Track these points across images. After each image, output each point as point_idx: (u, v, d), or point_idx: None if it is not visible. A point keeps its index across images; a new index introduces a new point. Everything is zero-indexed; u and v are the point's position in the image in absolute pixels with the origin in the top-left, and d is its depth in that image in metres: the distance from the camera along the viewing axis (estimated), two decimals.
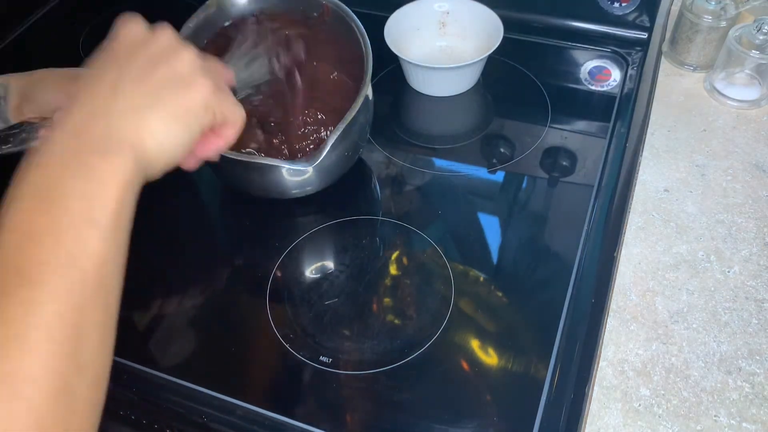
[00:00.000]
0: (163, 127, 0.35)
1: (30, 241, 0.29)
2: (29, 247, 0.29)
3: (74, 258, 0.29)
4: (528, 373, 0.51)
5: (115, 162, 0.33)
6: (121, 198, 0.32)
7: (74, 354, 0.28)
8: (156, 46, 0.38)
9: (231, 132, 0.41)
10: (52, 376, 0.27)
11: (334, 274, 0.59)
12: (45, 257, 0.29)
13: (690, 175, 0.64)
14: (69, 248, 0.29)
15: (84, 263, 0.30)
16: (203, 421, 0.50)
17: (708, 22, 0.70)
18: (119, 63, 0.37)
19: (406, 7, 0.77)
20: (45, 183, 0.31)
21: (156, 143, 0.35)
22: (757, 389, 0.49)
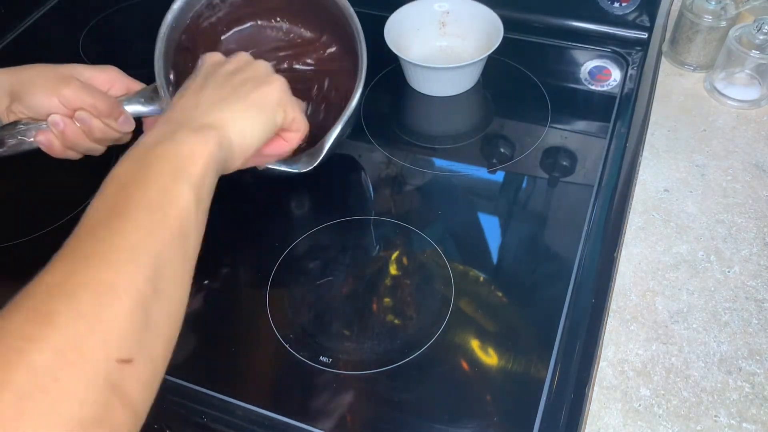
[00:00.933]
0: (242, 116, 0.41)
1: (124, 188, 0.34)
2: (123, 192, 0.34)
3: (159, 203, 0.34)
4: (528, 373, 0.51)
5: (202, 138, 0.38)
6: (203, 168, 0.37)
7: (154, 280, 0.32)
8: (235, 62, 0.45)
9: (296, 137, 0.47)
10: (131, 290, 0.31)
11: (335, 274, 0.59)
12: (135, 198, 0.34)
13: (690, 175, 0.64)
14: (156, 195, 0.34)
15: (168, 209, 0.34)
16: (203, 421, 0.50)
17: (708, 22, 0.70)
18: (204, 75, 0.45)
19: (406, 7, 0.77)
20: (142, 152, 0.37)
21: (236, 130, 0.40)
22: (757, 389, 0.49)
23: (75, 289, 0.29)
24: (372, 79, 0.77)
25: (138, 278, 0.31)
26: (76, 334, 0.28)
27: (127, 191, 0.34)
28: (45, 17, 0.92)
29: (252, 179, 0.68)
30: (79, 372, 0.28)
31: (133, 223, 0.33)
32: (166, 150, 0.37)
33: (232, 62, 0.46)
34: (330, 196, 0.67)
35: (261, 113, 0.43)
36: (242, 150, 0.42)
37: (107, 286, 0.30)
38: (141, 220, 0.33)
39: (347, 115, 0.55)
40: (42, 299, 0.29)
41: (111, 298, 0.30)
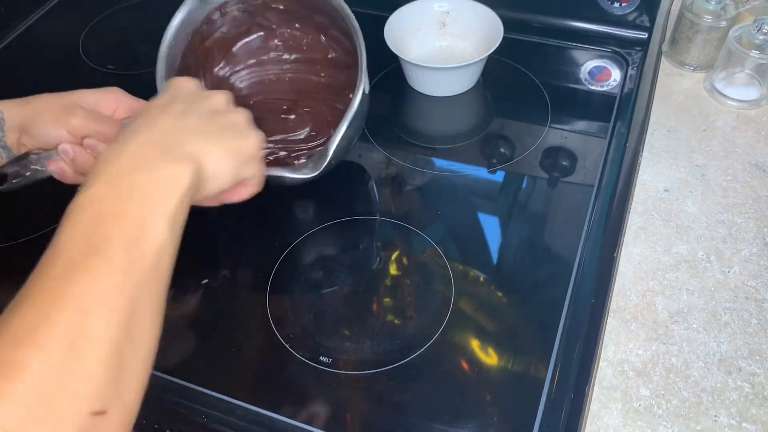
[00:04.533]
0: (220, 158, 0.41)
1: (100, 220, 0.33)
2: (99, 226, 0.33)
3: (137, 240, 0.33)
4: (528, 373, 0.51)
5: (180, 169, 0.37)
6: (180, 200, 0.36)
7: (128, 325, 0.31)
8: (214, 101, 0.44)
9: (252, 191, 0.47)
10: (107, 339, 0.30)
11: (334, 274, 0.59)
12: (112, 235, 0.32)
13: (690, 175, 0.64)
14: (133, 231, 0.33)
15: (144, 246, 0.33)
16: (203, 421, 0.50)
17: (708, 22, 0.70)
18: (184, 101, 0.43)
19: (406, 7, 0.77)
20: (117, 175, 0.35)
21: (212, 169, 0.40)
22: (757, 389, 0.49)
23: (46, 338, 0.28)
24: (372, 80, 0.77)
25: (113, 325, 0.30)
26: (47, 389, 0.27)
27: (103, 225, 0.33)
28: (45, 17, 0.92)
29: None
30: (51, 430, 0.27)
31: (110, 263, 0.32)
32: (145, 180, 0.36)
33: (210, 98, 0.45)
34: (330, 196, 0.67)
35: (235, 161, 0.42)
36: (210, 189, 0.41)
37: (81, 335, 0.29)
38: (118, 259, 0.32)
39: (348, 119, 0.55)
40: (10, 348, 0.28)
41: (84, 348, 0.29)
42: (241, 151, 0.43)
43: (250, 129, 0.45)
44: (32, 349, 0.28)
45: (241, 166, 0.43)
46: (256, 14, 0.66)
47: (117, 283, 0.31)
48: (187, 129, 0.41)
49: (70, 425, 0.27)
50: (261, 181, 0.48)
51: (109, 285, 0.31)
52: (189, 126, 0.41)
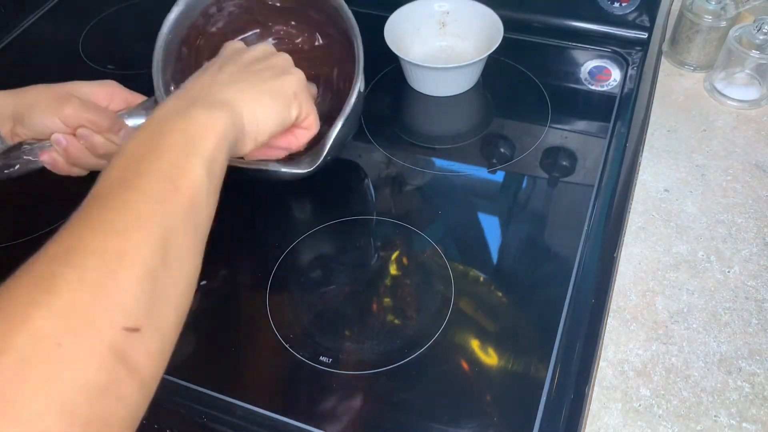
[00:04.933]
0: (257, 99, 0.41)
1: (134, 160, 0.34)
2: (133, 164, 0.34)
3: (170, 176, 0.34)
4: (528, 373, 0.51)
5: (214, 115, 0.38)
6: (215, 144, 0.37)
7: (163, 251, 0.31)
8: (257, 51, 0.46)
9: (306, 134, 0.47)
10: (140, 261, 0.30)
11: (334, 274, 0.59)
12: (146, 170, 0.33)
13: (690, 175, 0.64)
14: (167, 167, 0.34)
15: (179, 182, 0.34)
16: (203, 421, 0.50)
17: (708, 22, 0.70)
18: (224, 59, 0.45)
19: (406, 7, 0.77)
20: (155, 125, 0.37)
21: (249, 113, 0.40)
22: (757, 389, 0.49)
23: (81, 256, 0.29)
24: (372, 79, 0.77)
25: (146, 247, 0.30)
26: (81, 300, 0.27)
27: (138, 163, 0.34)
28: (45, 17, 0.92)
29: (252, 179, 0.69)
30: (83, 338, 0.27)
31: (143, 193, 0.32)
32: (178, 124, 0.36)
33: (254, 50, 0.46)
34: (330, 196, 0.67)
35: (276, 101, 0.43)
36: (254, 134, 0.41)
37: (114, 253, 0.29)
38: (151, 190, 0.32)
39: (345, 114, 0.55)
40: (46, 266, 0.28)
41: (118, 265, 0.29)
42: (280, 90, 0.43)
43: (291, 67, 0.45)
44: (67, 265, 0.28)
45: (283, 105, 0.44)
46: (252, 11, 0.66)
47: (150, 210, 0.32)
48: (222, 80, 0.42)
49: (104, 337, 0.28)
50: (315, 121, 0.47)
51: (143, 211, 0.31)
52: (224, 77, 0.42)
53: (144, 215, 0.31)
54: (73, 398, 0.26)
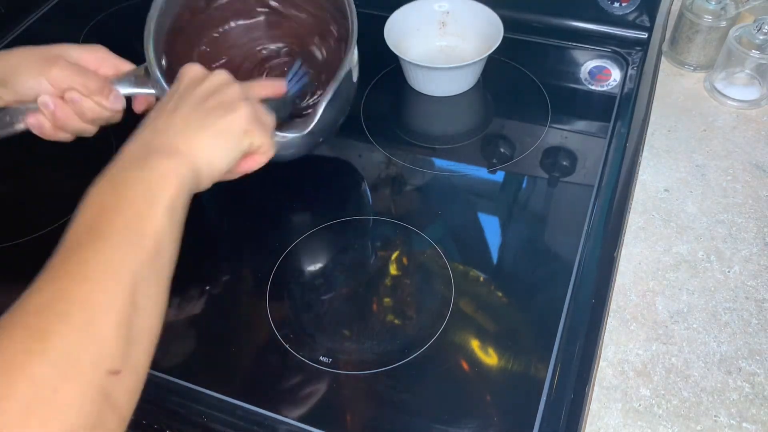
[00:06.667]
0: (210, 144, 0.43)
1: (101, 211, 0.36)
2: (101, 215, 0.36)
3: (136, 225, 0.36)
4: (528, 373, 0.51)
5: (173, 163, 0.40)
6: (176, 192, 0.39)
7: (132, 296, 0.34)
8: (211, 82, 0.46)
9: (262, 159, 0.48)
10: (117, 308, 0.33)
11: (334, 274, 0.59)
12: (113, 221, 0.36)
13: (690, 175, 0.64)
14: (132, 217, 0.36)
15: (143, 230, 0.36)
16: (203, 421, 0.50)
17: (708, 22, 0.70)
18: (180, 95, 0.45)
19: (406, 7, 0.77)
20: (116, 175, 0.39)
21: (205, 157, 0.42)
22: (757, 389, 0.49)
23: (66, 306, 0.31)
24: (372, 79, 0.77)
25: (120, 295, 0.33)
26: (71, 348, 0.30)
27: (105, 214, 0.36)
28: (45, 17, 0.92)
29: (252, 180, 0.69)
30: (76, 383, 0.30)
31: (112, 244, 0.35)
32: (139, 176, 0.38)
33: (208, 82, 0.46)
34: (330, 196, 0.67)
35: (227, 141, 0.44)
36: (209, 173, 0.43)
37: (95, 303, 0.32)
38: (120, 241, 0.35)
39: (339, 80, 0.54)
40: (37, 316, 0.31)
41: (99, 314, 0.32)
42: (230, 129, 0.44)
43: (239, 101, 0.45)
44: (55, 317, 0.31)
45: (234, 142, 0.44)
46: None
47: (121, 261, 0.34)
48: (176, 125, 0.43)
49: (92, 381, 0.30)
50: (269, 148, 0.48)
51: (115, 261, 0.34)
52: (178, 122, 0.43)
53: (115, 265, 0.34)
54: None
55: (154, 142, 0.41)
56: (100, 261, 0.34)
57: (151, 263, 0.36)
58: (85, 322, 0.31)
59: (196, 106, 0.44)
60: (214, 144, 0.43)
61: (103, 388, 0.31)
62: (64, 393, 0.29)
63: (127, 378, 0.32)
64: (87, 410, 0.30)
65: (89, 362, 0.31)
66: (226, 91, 0.46)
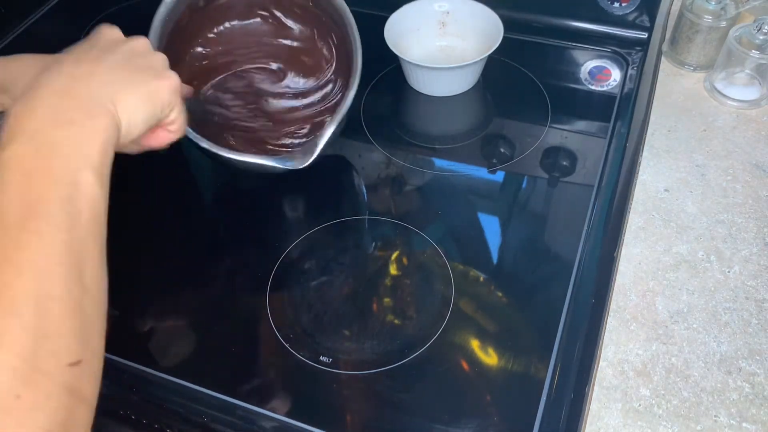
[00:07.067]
0: (133, 103, 0.40)
1: (31, 180, 0.33)
2: (31, 186, 0.33)
3: (71, 196, 0.33)
4: (528, 373, 0.51)
5: (98, 121, 0.37)
6: (103, 150, 0.36)
7: (81, 278, 0.32)
8: (135, 44, 0.44)
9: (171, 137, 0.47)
10: (68, 295, 0.31)
11: (334, 274, 0.59)
12: (46, 194, 0.33)
13: (690, 175, 0.64)
14: (65, 188, 0.33)
15: (79, 201, 0.34)
16: (203, 421, 0.50)
17: (708, 22, 0.70)
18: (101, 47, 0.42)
19: (406, 7, 0.77)
20: (39, 132, 0.35)
21: (126, 116, 0.39)
22: (757, 389, 0.49)
23: (15, 303, 0.30)
24: (372, 79, 0.77)
25: (68, 280, 0.32)
26: (27, 350, 0.29)
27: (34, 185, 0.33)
28: (45, 17, 0.92)
29: (252, 179, 0.69)
30: (38, 386, 0.29)
31: (50, 223, 0.32)
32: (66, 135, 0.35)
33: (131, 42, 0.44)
34: (330, 196, 0.67)
35: (150, 104, 0.42)
36: (126, 134, 0.40)
37: (44, 294, 0.30)
38: (57, 218, 0.32)
39: (341, 114, 0.55)
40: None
41: (50, 305, 0.30)
42: (156, 94, 0.42)
43: (166, 70, 0.44)
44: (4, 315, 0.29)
45: (156, 109, 0.42)
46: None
47: (64, 241, 0.32)
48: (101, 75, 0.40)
49: (56, 380, 0.29)
50: (182, 126, 0.46)
51: (57, 243, 0.32)
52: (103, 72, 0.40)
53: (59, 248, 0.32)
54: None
55: (75, 92, 0.38)
56: (41, 245, 0.31)
57: (90, 236, 0.34)
58: (38, 317, 0.30)
59: (122, 61, 0.41)
60: (138, 104, 0.41)
61: (66, 382, 0.30)
62: (27, 398, 0.28)
63: (88, 365, 0.31)
64: (54, 408, 0.29)
65: (49, 360, 0.29)
66: (153, 56, 0.44)
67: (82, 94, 0.38)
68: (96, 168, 0.35)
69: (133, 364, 0.53)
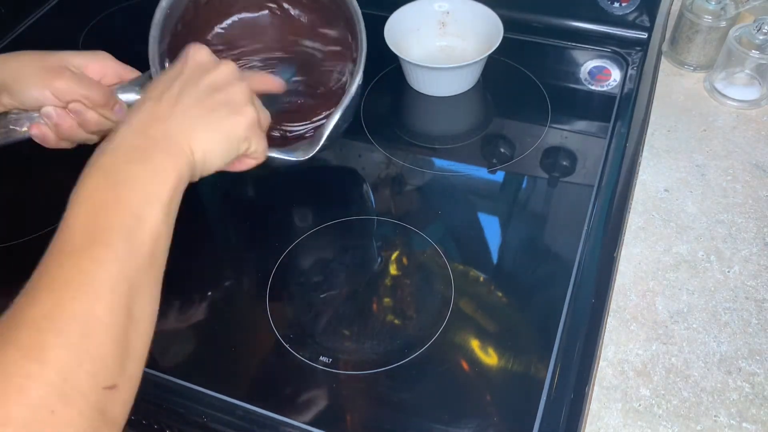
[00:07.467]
0: (209, 142, 0.41)
1: (99, 210, 0.35)
2: (98, 215, 0.34)
3: (134, 228, 0.35)
4: (528, 373, 0.51)
5: (173, 159, 0.39)
6: (174, 189, 0.38)
7: (130, 308, 0.33)
8: (219, 74, 0.44)
9: (253, 163, 0.48)
10: (114, 322, 0.32)
11: (334, 274, 0.59)
12: (111, 224, 0.34)
13: (690, 175, 0.64)
14: (131, 220, 0.35)
15: (142, 234, 0.35)
16: (203, 421, 0.50)
17: (708, 22, 0.70)
18: (185, 80, 0.43)
19: (406, 7, 0.77)
20: (113, 167, 0.37)
21: (201, 154, 0.41)
22: (757, 389, 0.49)
23: (63, 322, 0.31)
24: (372, 79, 0.77)
25: (117, 308, 0.33)
26: (69, 367, 0.30)
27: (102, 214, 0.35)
28: (45, 17, 0.92)
29: (252, 180, 0.69)
30: (73, 404, 0.29)
31: (111, 251, 0.33)
32: (137, 170, 0.37)
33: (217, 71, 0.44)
34: (330, 196, 0.67)
35: (227, 142, 0.43)
36: (203, 171, 0.42)
37: (92, 318, 0.31)
38: (118, 248, 0.34)
39: (345, 104, 0.55)
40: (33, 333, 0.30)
41: (96, 329, 0.31)
42: (233, 132, 0.43)
43: (247, 105, 0.44)
44: (52, 333, 0.30)
45: (233, 145, 0.43)
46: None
47: (120, 270, 0.33)
48: (179, 116, 0.41)
49: (90, 400, 0.30)
50: (262, 154, 0.47)
51: (113, 272, 0.33)
52: (181, 111, 0.41)
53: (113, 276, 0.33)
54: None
55: (153, 131, 0.39)
56: (98, 271, 0.33)
57: (147, 270, 0.35)
58: (83, 338, 0.31)
59: (202, 97, 0.43)
60: (214, 144, 0.42)
61: (99, 404, 0.31)
62: (61, 414, 0.29)
63: (122, 391, 0.32)
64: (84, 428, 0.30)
65: (87, 380, 0.30)
66: (233, 89, 0.44)
67: (159, 134, 0.39)
68: (164, 205, 0.37)
69: None
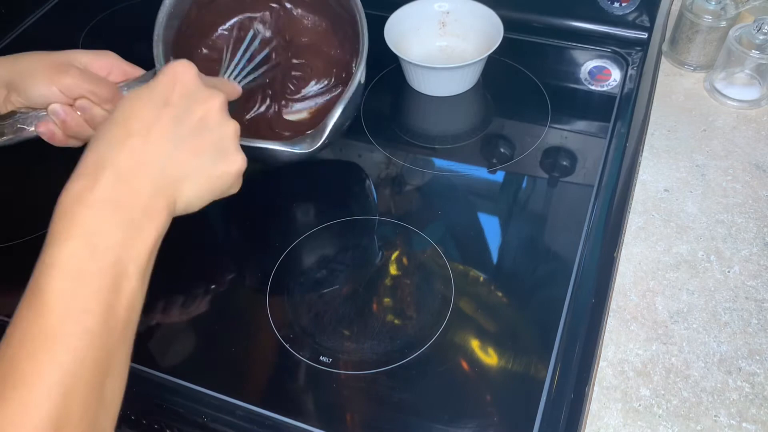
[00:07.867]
0: (194, 191, 0.41)
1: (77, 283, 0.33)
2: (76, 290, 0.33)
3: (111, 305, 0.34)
4: (528, 373, 0.51)
5: (156, 222, 0.37)
6: (152, 249, 0.37)
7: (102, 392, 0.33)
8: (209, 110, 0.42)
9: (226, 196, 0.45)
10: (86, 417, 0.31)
11: (335, 274, 0.59)
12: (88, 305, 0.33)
13: (690, 175, 0.64)
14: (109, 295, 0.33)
15: (119, 309, 0.34)
16: (203, 421, 0.50)
17: (708, 22, 0.70)
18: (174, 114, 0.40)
19: (406, 7, 0.77)
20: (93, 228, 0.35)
21: (184, 205, 0.40)
22: (757, 389, 0.49)
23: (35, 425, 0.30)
24: (372, 79, 0.77)
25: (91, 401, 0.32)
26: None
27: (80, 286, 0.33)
28: (45, 17, 0.92)
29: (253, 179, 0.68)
30: None
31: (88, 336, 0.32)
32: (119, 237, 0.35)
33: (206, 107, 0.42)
34: (330, 196, 0.67)
35: (211, 193, 0.42)
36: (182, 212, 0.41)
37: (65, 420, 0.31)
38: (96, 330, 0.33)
39: (348, 97, 0.55)
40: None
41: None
42: (220, 180, 0.42)
43: (236, 153, 0.43)
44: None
45: (216, 193, 0.43)
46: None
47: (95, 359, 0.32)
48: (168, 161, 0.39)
49: None
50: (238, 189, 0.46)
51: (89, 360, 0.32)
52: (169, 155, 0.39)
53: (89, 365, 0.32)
54: None
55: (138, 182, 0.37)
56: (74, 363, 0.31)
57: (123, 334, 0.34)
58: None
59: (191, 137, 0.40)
60: (199, 193, 0.41)
61: None
62: None
63: None
64: None
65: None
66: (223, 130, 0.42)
67: (144, 186, 0.37)
68: (143, 268, 0.36)
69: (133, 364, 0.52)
